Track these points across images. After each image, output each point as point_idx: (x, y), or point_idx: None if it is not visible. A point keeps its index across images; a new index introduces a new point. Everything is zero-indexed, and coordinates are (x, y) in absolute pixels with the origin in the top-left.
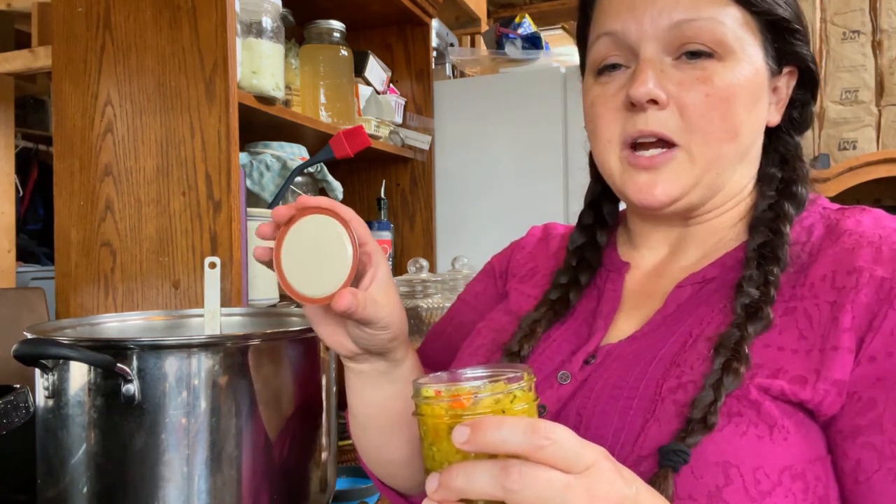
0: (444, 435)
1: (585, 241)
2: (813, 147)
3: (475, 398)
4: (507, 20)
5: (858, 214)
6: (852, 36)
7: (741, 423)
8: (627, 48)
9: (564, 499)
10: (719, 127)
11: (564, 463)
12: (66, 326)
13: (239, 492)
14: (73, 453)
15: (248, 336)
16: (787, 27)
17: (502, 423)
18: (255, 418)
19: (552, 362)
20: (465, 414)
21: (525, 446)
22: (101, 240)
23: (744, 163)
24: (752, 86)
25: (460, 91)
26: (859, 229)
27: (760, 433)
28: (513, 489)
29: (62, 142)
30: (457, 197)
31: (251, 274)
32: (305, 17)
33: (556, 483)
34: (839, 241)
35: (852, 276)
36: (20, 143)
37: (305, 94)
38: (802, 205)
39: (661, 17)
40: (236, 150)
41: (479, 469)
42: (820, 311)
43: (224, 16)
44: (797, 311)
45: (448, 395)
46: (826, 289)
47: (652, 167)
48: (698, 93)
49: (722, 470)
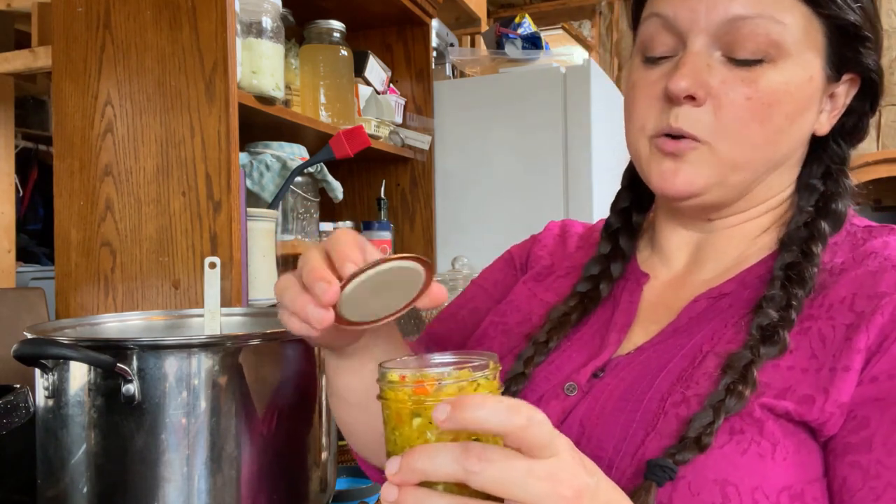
0: (406, 420)
1: (621, 225)
2: None
3: (438, 385)
4: (507, 20)
5: (887, 235)
6: None
7: (743, 441)
8: (677, 35)
9: (526, 482)
10: (756, 132)
11: (539, 445)
12: (66, 326)
13: (239, 492)
14: (73, 453)
15: (248, 336)
16: (856, 34)
17: (484, 401)
18: (255, 418)
19: (561, 373)
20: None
21: (506, 424)
22: (101, 240)
23: (780, 170)
24: (801, 93)
25: (460, 91)
26: (885, 251)
27: (762, 452)
28: (474, 470)
29: (62, 142)
30: (457, 197)
31: (251, 274)
32: (305, 17)
33: (519, 466)
34: (864, 262)
35: (872, 301)
36: (20, 143)
37: (305, 94)
38: (840, 224)
39: (717, 9)
40: (236, 150)
41: (441, 451)
42: (835, 333)
43: (224, 16)
44: (811, 332)
45: (412, 380)
46: (844, 311)
47: (677, 154)
48: (739, 94)
49: (720, 488)
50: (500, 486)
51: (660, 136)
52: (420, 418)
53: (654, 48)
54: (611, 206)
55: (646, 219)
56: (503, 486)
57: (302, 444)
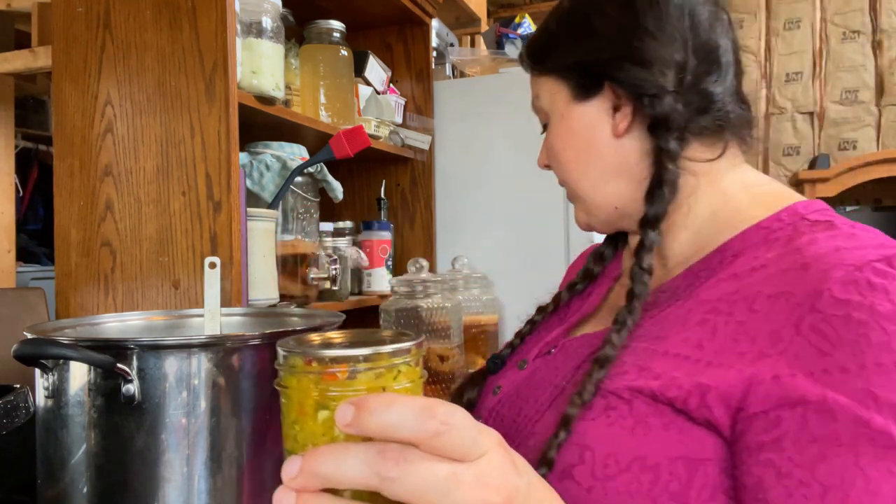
0: (310, 412)
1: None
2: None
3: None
4: (507, 20)
5: (820, 231)
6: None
7: (612, 416)
8: None
9: (449, 489)
10: (564, 172)
11: (460, 451)
12: (66, 326)
13: (239, 492)
14: (73, 453)
15: (248, 336)
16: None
17: (392, 402)
18: (255, 418)
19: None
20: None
21: (419, 432)
22: (101, 240)
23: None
24: (567, 133)
25: (460, 91)
26: (807, 250)
27: (625, 426)
28: (390, 477)
29: (62, 142)
30: (457, 197)
31: (251, 274)
32: (305, 17)
33: (442, 472)
34: (783, 259)
35: (773, 301)
36: (20, 143)
37: (305, 94)
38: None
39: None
40: (236, 150)
41: (350, 453)
42: (727, 328)
43: (224, 16)
44: (707, 325)
45: (320, 366)
46: (744, 310)
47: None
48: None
49: (580, 452)
50: (420, 496)
51: None
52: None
53: None
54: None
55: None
56: (423, 496)
57: None
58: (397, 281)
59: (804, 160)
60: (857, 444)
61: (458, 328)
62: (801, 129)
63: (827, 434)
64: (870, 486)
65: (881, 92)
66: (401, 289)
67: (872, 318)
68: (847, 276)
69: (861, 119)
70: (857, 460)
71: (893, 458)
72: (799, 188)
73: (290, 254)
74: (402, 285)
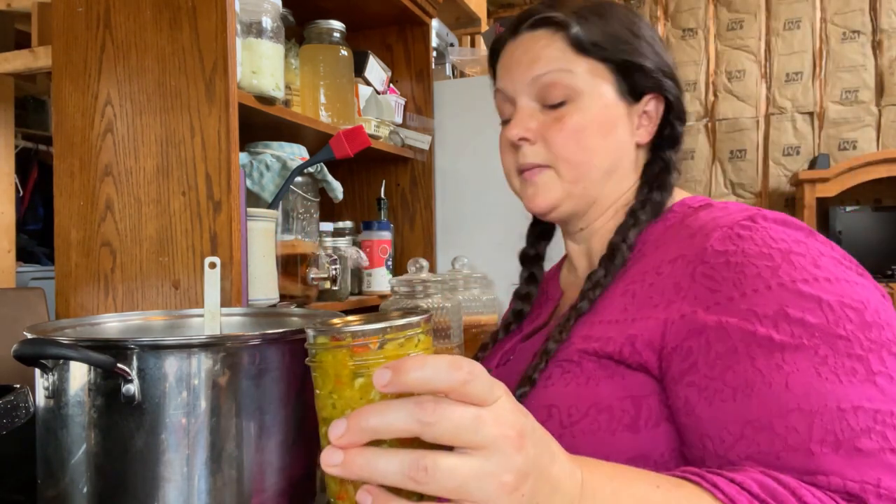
0: (347, 381)
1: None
2: (813, 147)
3: (381, 342)
4: (507, 20)
5: (703, 211)
6: (852, 36)
7: (567, 376)
8: (510, 100)
9: (477, 427)
10: (575, 152)
11: (482, 396)
12: (66, 326)
13: (239, 492)
14: (73, 453)
15: (248, 336)
16: (634, 66)
17: (425, 362)
18: (255, 418)
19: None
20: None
21: (450, 382)
22: (101, 240)
23: (613, 178)
24: (603, 118)
25: (460, 91)
26: (696, 223)
27: (579, 382)
28: (430, 422)
29: (62, 142)
30: (457, 197)
31: (251, 274)
32: (305, 17)
33: (469, 413)
34: (678, 233)
35: (671, 264)
36: (20, 143)
37: (305, 94)
38: (658, 211)
39: (525, 74)
40: (236, 150)
41: (393, 407)
42: (642, 291)
43: (224, 16)
44: (627, 293)
45: (352, 340)
46: (652, 274)
47: (533, 180)
48: (555, 130)
49: (547, 410)
50: (455, 434)
51: (520, 173)
52: (362, 378)
53: (503, 114)
54: (526, 236)
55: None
56: (457, 434)
57: (302, 443)
58: (397, 281)
59: (804, 160)
60: (749, 350)
61: (458, 328)
62: (801, 129)
63: (727, 349)
64: (765, 379)
65: (881, 92)
66: (401, 289)
67: (745, 258)
68: (723, 234)
69: (861, 119)
70: (752, 363)
71: (779, 356)
72: (799, 188)
73: (290, 254)
74: (402, 285)
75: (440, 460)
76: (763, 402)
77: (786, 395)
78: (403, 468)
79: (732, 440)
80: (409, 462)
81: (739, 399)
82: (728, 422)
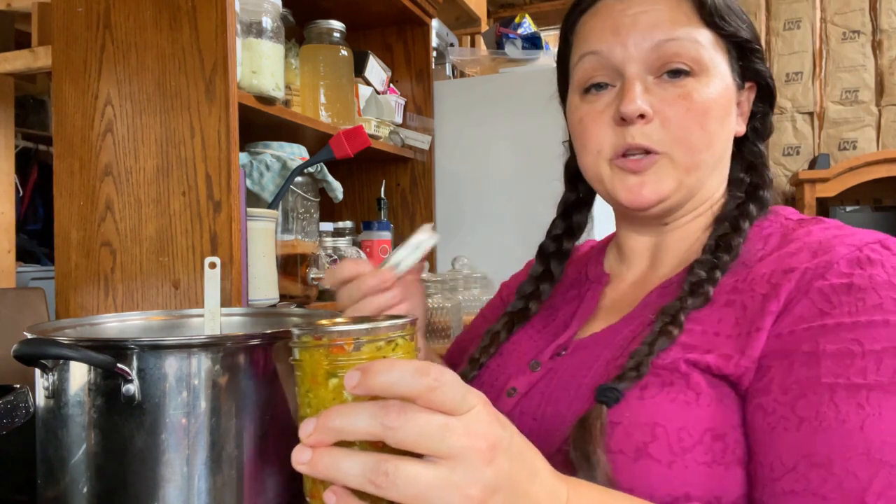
0: (321, 381)
1: (554, 250)
2: (813, 147)
3: (356, 344)
4: (507, 20)
5: (813, 224)
6: (852, 36)
7: (672, 392)
8: (612, 68)
9: (442, 436)
10: (698, 136)
11: (451, 404)
12: (66, 326)
13: (239, 492)
14: (73, 453)
15: (248, 336)
16: (750, 47)
17: (393, 365)
18: (255, 418)
19: (527, 354)
20: (344, 360)
21: (415, 388)
22: (101, 240)
23: (717, 169)
24: (723, 100)
25: (460, 91)
26: (806, 238)
27: (688, 399)
28: (393, 426)
29: (62, 142)
30: (457, 197)
31: (251, 274)
32: (305, 17)
33: (436, 421)
34: (786, 247)
35: (785, 275)
36: (20, 143)
37: (305, 94)
38: (766, 207)
39: (643, 40)
40: (236, 150)
41: (359, 409)
42: (754, 302)
43: (224, 16)
44: (736, 304)
45: (329, 340)
46: (763, 284)
47: (639, 170)
48: (680, 107)
49: (650, 429)
50: (419, 441)
51: (618, 156)
52: (336, 379)
53: (588, 79)
54: (546, 232)
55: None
56: (421, 441)
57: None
58: None
59: (804, 160)
60: (833, 382)
61: (458, 328)
62: (801, 129)
63: (809, 376)
64: (839, 416)
65: (881, 92)
66: None
67: (871, 284)
68: (851, 253)
69: (861, 119)
70: (832, 395)
71: (864, 395)
72: (799, 188)
73: (290, 254)
74: None
75: (402, 466)
76: (828, 439)
77: (857, 436)
78: (365, 471)
79: (783, 471)
80: (371, 465)
81: (804, 431)
82: (784, 451)
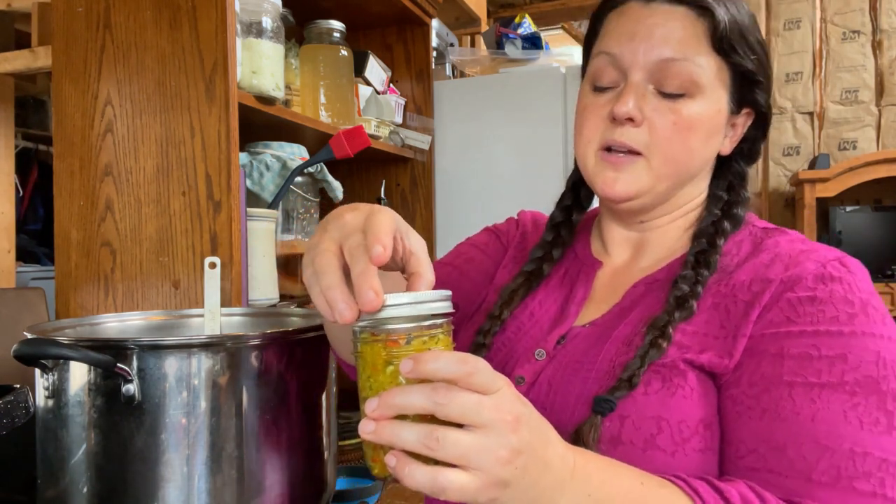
0: (380, 368)
1: (563, 220)
2: (813, 147)
3: (408, 339)
4: (507, 20)
5: (778, 236)
6: (852, 36)
7: (672, 387)
8: (620, 69)
9: (479, 410)
10: (679, 150)
11: (484, 386)
12: (66, 326)
13: (239, 492)
14: (73, 453)
15: (248, 336)
16: (752, 79)
17: (439, 356)
18: (255, 418)
19: (533, 341)
20: (398, 352)
21: (457, 373)
22: (101, 240)
23: (694, 181)
24: (712, 122)
25: (460, 91)
26: (776, 249)
27: (685, 395)
28: (441, 403)
29: (62, 142)
30: (457, 197)
31: (251, 274)
32: (305, 17)
33: (473, 399)
34: (759, 256)
35: (763, 284)
36: (20, 143)
37: (305, 94)
38: (739, 224)
39: (652, 52)
40: (236, 150)
41: (413, 390)
42: (737, 307)
43: (224, 16)
44: (720, 308)
45: (386, 336)
46: (744, 291)
47: (618, 166)
48: (668, 119)
49: (656, 422)
50: (461, 414)
51: (604, 148)
52: (392, 366)
53: (602, 79)
54: (556, 203)
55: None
56: (463, 414)
57: (302, 443)
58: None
59: (804, 160)
60: (792, 380)
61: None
62: (801, 129)
63: (773, 374)
64: (795, 408)
65: (881, 92)
66: None
67: (830, 298)
68: (816, 270)
69: (861, 119)
70: (790, 391)
71: (817, 392)
72: (799, 188)
73: (290, 254)
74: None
75: (449, 433)
76: (785, 428)
77: (808, 426)
78: (420, 437)
79: (746, 451)
80: (424, 433)
81: (766, 419)
82: (748, 436)
